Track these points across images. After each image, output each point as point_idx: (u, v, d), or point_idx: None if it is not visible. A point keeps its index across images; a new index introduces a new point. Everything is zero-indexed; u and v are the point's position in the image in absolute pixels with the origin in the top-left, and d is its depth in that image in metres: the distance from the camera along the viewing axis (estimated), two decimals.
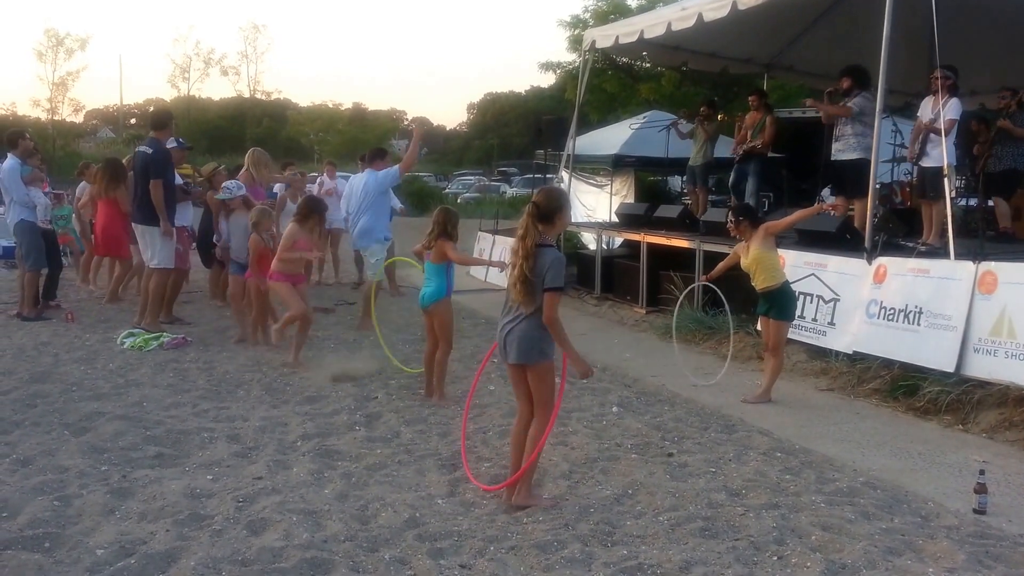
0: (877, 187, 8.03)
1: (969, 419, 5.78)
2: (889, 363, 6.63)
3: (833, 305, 7.34)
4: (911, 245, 7.80)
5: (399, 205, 11.84)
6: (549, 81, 36.31)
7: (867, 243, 7.48)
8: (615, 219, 12.52)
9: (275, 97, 68.53)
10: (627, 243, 11.79)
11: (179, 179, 8.97)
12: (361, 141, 41.44)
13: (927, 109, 7.85)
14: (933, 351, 6.32)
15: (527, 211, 4.08)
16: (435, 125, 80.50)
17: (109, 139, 56.41)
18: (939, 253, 7.17)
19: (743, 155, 10.50)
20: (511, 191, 34.63)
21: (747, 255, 6.31)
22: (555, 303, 3.98)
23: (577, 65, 20.15)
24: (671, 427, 5.57)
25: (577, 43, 22.35)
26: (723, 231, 9.08)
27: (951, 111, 7.47)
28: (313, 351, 7.48)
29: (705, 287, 8.26)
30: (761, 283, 6.28)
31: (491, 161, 53.47)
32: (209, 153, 38.99)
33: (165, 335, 7.73)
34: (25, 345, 7.53)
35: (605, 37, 11.74)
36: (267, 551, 3.58)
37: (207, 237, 9.24)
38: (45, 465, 4.54)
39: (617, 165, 15.30)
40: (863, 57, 8.67)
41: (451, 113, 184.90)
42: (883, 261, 7.10)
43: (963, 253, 6.61)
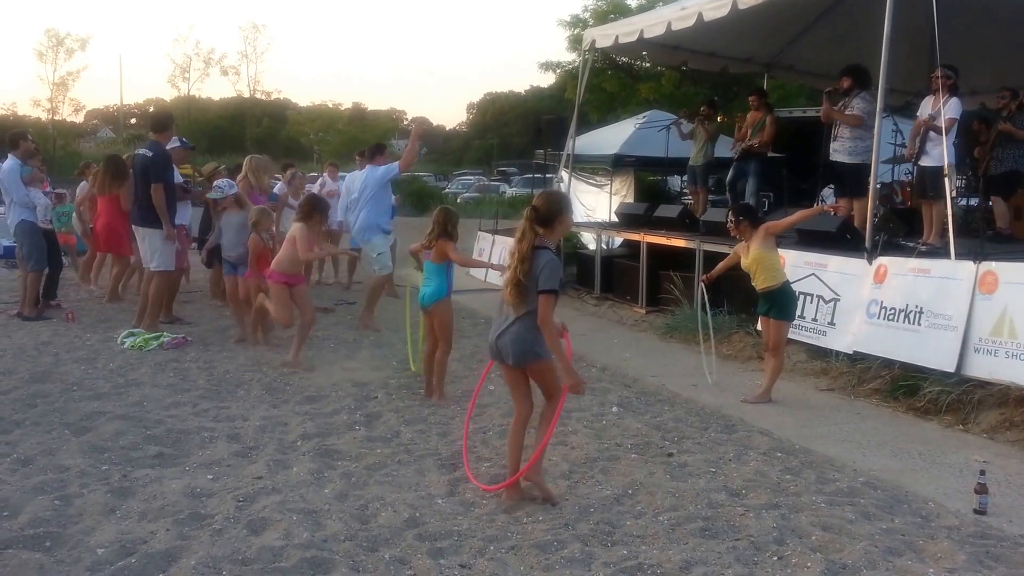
0: (877, 187, 8.03)
1: (970, 419, 5.78)
2: (889, 363, 6.63)
3: (833, 305, 7.34)
4: (912, 245, 7.80)
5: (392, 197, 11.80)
6: (549, 81, 36.37)
7: (867, 243, 7.48)
8: (615, 219, 12.53)
9: (275, 97, 68.76)
10: (627, 243, 11.79)
11: (179, 177, 8.97)
12: (361, 141, 41.29)
13: (927, 108, 7.85)
14: (934, 351, 6.32)
15: (526, 214, 4.08)
16: (435, 125, 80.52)
17: (109, 139, 56.41)
18: (940, 253, 7.16)
19: (742, 153, 10.51)
20: (511, 191, 34.64)
21: (747, 255, 6.31)
22: (549, 306, 3.95)
23: (577, 65, 20.16)
24: (671, 427, 5.57)
25: (577, 43, 22.35)
26: (723, 231, 9.08)
27: (951, 110, 7.47)
28: (313, 351, 7.48)
29: (706, 287, 8.25)
30: (761, 283, 6.28)
31: (491, 161, 53.49)
32: (209, 153, 39.08)
33: (165, 335, 7.72)
34: (25, 345, 7.53)
35: (605, 37, 11.74)
36: (267, 550, 3.58)
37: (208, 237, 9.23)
38: (46, 464, 4.54)
39: (617, 165, 15.30)
40: (863, 56, 8.67)
41: (451, 113, 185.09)
42: (883, 261, 7.10)
43: (964, 253, 6.61)
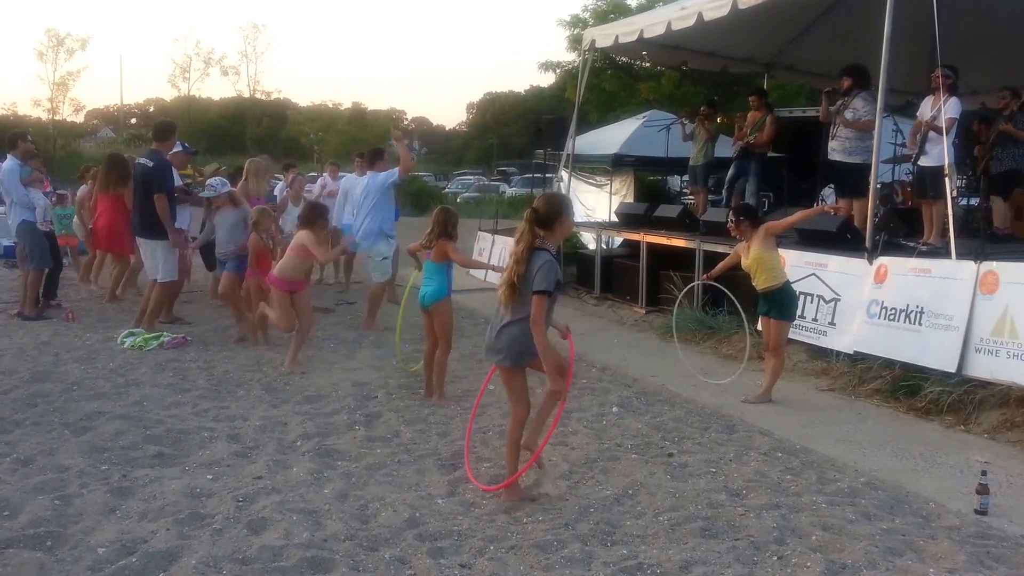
0: (878, 187, 8.02)
1: (970, 419, 5.77)
2: (890, 363, 6.62)
3: (834, 305, 7.33)
4: (912, 245, 7.80)
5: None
6: (549, 81, 36.33)
7: (868, 243, 7.47)
8: (615, 219, 12.52)
9: (275, 97, 68.67)
10: (627, 243, 11.79)
11: (179, 180, 8.96)
12: (361, 141, 41.37)
13: (927, 108, 7.85)
14: (934, 351, 6.32)
15: (526, 216, 4.07)
16: (434, 125, 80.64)
17: (109, 139, 56.43)
18: (940, 253, 7.16)
19: (742, 151, 10.51)
20: (510, 191, 34.65)
21: (747, 255, 6.31)
22: (542, 306, 3.93)
23: (577, 64, 20.15)
24: (671, 427, 5.57)
25: (577, 42, 22.37)
26: (723, 231, 9.08)
27: (951, 110, 7.47)
28: (313, 351, 7.47)
29: (706, 286, 8.25)
30: (762, 283, 6.28)
31: (491, 161, 53.49)
32: (209, 153, 39.07)
33: (165, 335, 7.72)
34: (26, 344, 7.53)
35: (605, 36, 11.74)
36: (267, 550, 3.58)
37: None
38: (46, 464, 4.54)
39: (617, 165, 15.30)
40: (864, 56, 8.66)
41: (451, 113, 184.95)
42: (884, 261, 7.09)
43: (964, 253, 6.60)
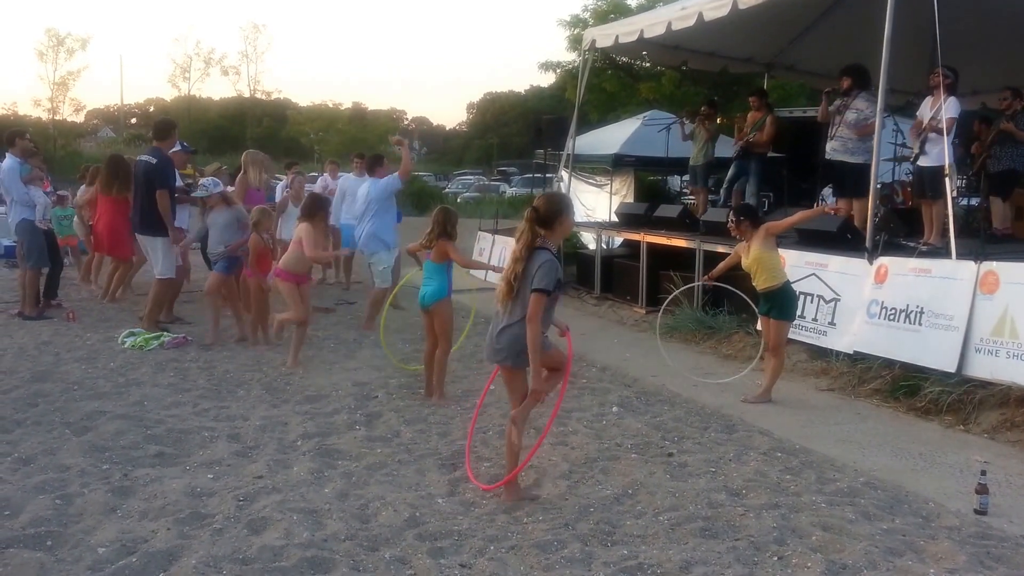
0: (878, 187, 8.02)
1: (970, 419, 5.77)
2: (890, 363, 6.63)
3: (834, 305, 7.33)
4: (912, 245, 7.80)
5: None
6: (549, 81, 36.28)
7: (868, 243, 7.47)
8: (615, 219, 12.53)
9: (275, 97, 68.58)
10: (627, 243, 11.79)
11: (179, 180, 8.97)
12: (361, 141, 41.32)
13: (926, 108, 7.86)
14: (934, 351, 6.32)
15: (526, 215, 4.08)
16: (435, 125, 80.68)
17: (110, 139, 56.41)
18: (940, 253, 7.16)
19: (742, 151, 10.52)
20: (511, 191, 34.65)
21: (748, 255, 6.31)
22: (539, 305, 3.92)
23: (577, 64, 20.15)
24: (671, 427, 5.57)
25: (577, 42, 22.36)
26: (723, 231, 9.08)
27: (950, 110, 7.47)
28: (313, 351, 7.48)
29: (706, 286, 8.25)
30: (762, 283, 6.28)
31: (491, 161, 53.48)
32: (209, 153, 39.04)
33: (165, 335, 7.73)
34: (26, 344, 7.53)
35: (605, 36, 11.74)
36: (268, 550, 3.58)
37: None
38: (46, 464, 4.55)
39: (617, 165, 15.30)
40: (864, 56, 8.66)
41: (451, 113, 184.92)
42: (884, 261, 7.10)
43: (964, 253, 6.60)
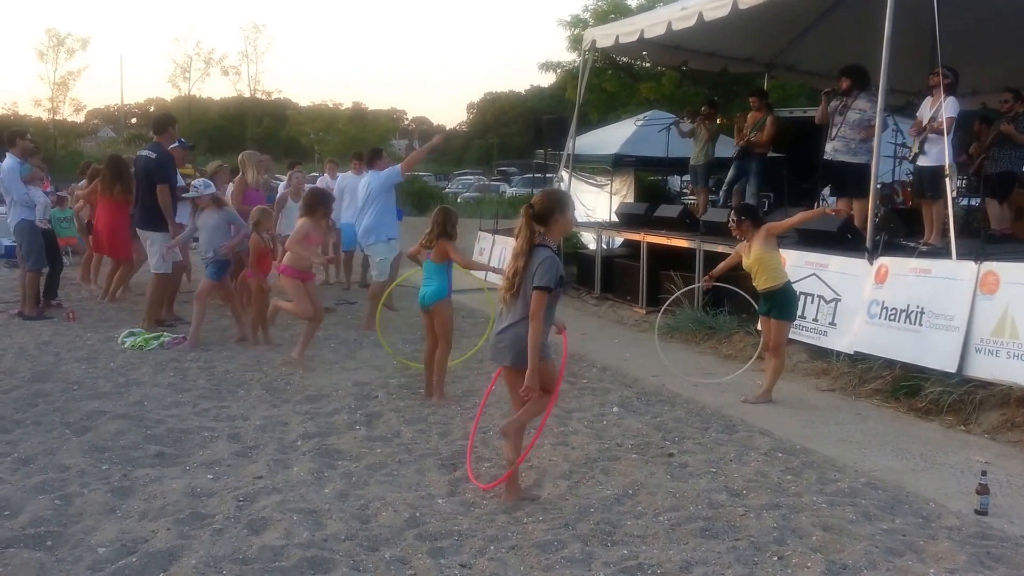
0: (878, 187, 8.02)
1: (971, 420, 5.77)
2: (891, 363, 6.62)
3: (834, 305, 7.33)
4: (912, 245, 7.80)
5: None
6: (549, 81, 36.29)
7: (868, 243, 7.47)
8: (615, 219, 12.52)
9: (275, 97, 68.61)
10: (627, 243, 11.79)
11: (180, 181, 8.97)
12: (361, 141, 41.29)
13: (926, 108, 7.86)
14: (935, 351, 6.32)
15: (523, 211, 4.09)
16: (435, 125, 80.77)
17: (110, 139, 56.39)
18: (941, 253, 7.16)
19: (742, 151, 10.52)
20: (511, 191, 34.63)
21: (749, 255, 6.30)
22: (541, 302, 3.93)
23: (577, 65, 20.15)
24: (672, 427, 5.57)
25: (577, 42, 22.36)
26: (723, 231, 9.07)
27: (949, 110, 7.47)
28: (313, 350, 7.47)
29: (707, 287, 8.24)
30: (763, 283, 6.27)
31: (491, 161, 53.48)
32: (210, 153, 39.06)
33: (165, 335, 7.73)
34: (26, 344, 7.53)
35: (605, 37, 11.73)
36: (268, 550, 3.58)
37: None
38: (46, 464, 4.55)
39: (617, 165, 15.30)
40: (865, 56, 8.65)
41: (451, 113, 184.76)
42: (884, 261, 7.09)
43: (965, 253, 6.60)
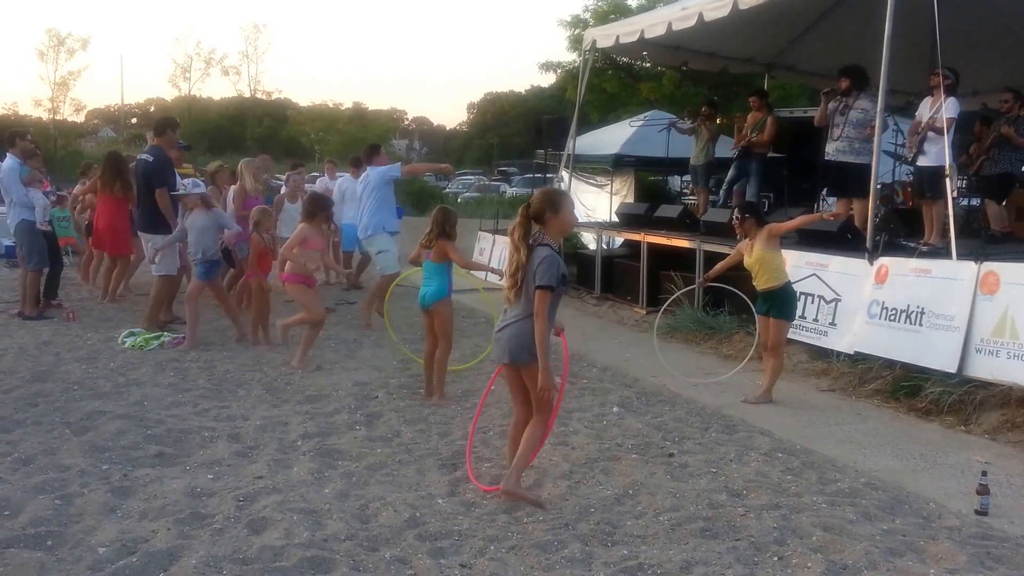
0: (878, 187, 8.02)
1: (971, 420, 5.77)
2: (891, 363, 6.62)
3: (834, 305, 7.33)
4: (913, 245, 7.79)
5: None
6: (549, 81, 36.35)
7: (868, 243, 7.47)
8: (615, 219, 12.52)
9: (275, 97, 68.64)
10: (627, 243, 11.79)
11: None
12: (361, 141, 41.27)
13: (925, 108, 7.86)
14: (935, 352, 6.31)
15: (520, 210, 4.10)
16: (435, 125, 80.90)
17: (110, 139, 56.41)
18: (941, 253, 7.15)
19: (743, 151, 10.52)
20: (511, 191, 34.62)
21: (751, 254, 6.29)
22: (545, 301, 3.93)
23: (577, 65, 20.16)
24: (672, 427, 5.57)
25: (577, 43, 22.37)
26: (724, 231, 9.07)
27: (949, 110, 7.47)
28: (314, 351, 7.46)
29: (707, 287, 8.25)
30: (763, 283, 6.27)
31: (491, 161, 53.46)
32: (210, 153, 39.08)
33: (165, 335, 7.73)
34: (27, 344, 7.53)
35: (606, 37, 11.74)
36: (268, 550, 3.58)
37: None
38: (46, 464, 4.55)
39: (617, 165, 15.30)
40: (865, 56, 8.65)
41: (451, 113, 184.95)
42: (885, 261, 7.09)
43: (965, 253, 6.60)
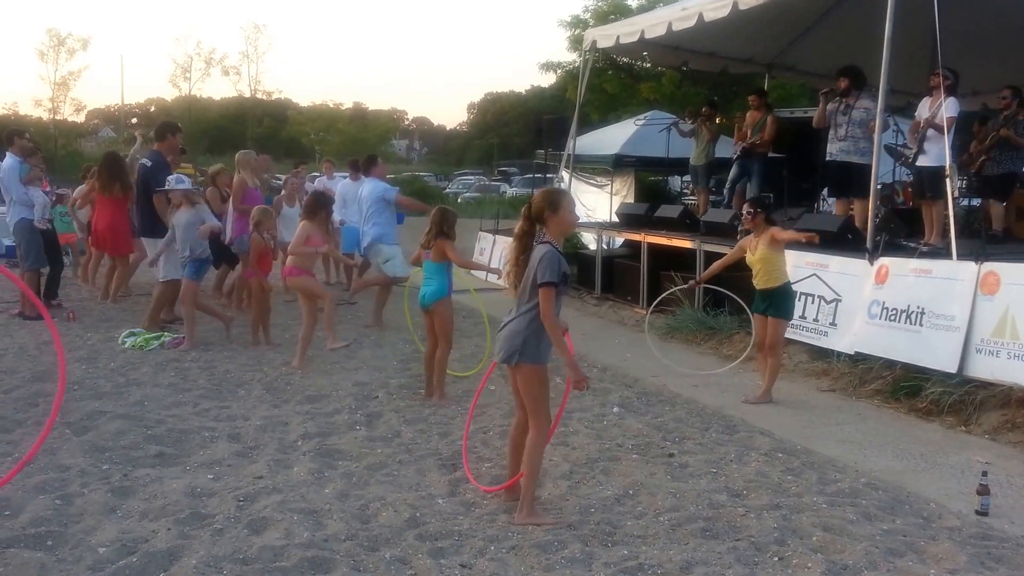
0: (878, 187, 8.02)
1: (971, 420, 5.77)
2: (891, 364, 6.62)
3: (835, 305, 7.33)
4: (913, 245, 7.79)
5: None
6: (549, 81, 36.38)
7: (869, 243, 7.47)
8: (615, 219, 12.53)
9: (276, 97, 68.57)
10: (627, 243, 11.79)
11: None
12: (362, 141, 41.36)
13: (925, 108, 7.86)
14: (935, 352, 6.31)
15: (522, 210, 4.11)
16: (435, 125, 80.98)
17: (110, 139, 56.43)
18: (941, 253, 7.15)
19: (743, 152, 10.52)
20: (511, 191, 34.63)
21: (754, 252, 6.26)
22: (549, 299, 3.85)
23: (577, 65, 20.17)
24: (672, 427, 5.57)
25: (577, 43, 22.36)
26: (724, 231, 9.08)
27: (950, 110, 7.47)
28: (314, 351, 7.46)
29: (706, 288, 8.25)
30: (763, 282, 6.26)
31: (491, 161, 53.48)
32: (210, 153, 39.11)
33: (165, 335, 7.73)
34: (27, 344, 7.53)
35: (606, 37, 11.74)
36: (268, 550, 3.58)
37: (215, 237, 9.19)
38: (47, 464, 4.54)
39: (617, 165, 15.31)
40: (865, 56, 8.65)
41: (451, 113, 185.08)
42: (885, 261, 7.09)
43: (965, 253, 6.59)
